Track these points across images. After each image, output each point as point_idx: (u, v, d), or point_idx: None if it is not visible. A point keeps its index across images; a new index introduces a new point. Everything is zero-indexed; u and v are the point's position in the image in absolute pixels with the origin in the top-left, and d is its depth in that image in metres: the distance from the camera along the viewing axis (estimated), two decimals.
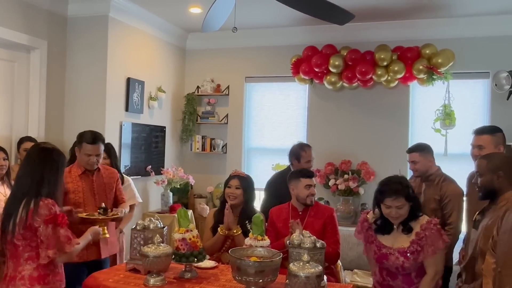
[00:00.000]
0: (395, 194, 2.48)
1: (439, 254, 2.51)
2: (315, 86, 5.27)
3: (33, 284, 2.26)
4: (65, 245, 2.28)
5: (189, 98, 5.75)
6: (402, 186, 2.51)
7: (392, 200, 2.48)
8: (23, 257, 2.27)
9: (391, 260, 2.53)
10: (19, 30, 4.03)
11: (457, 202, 3.22)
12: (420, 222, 2.55)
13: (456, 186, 3.30)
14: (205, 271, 2.70)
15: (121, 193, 3.30)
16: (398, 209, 2.49)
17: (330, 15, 3.26)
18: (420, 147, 3.45)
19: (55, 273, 2.36)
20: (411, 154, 3.42)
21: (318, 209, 3.12)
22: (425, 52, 4.68)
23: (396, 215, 2.51)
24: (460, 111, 4.69)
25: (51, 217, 2.24)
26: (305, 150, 3.92)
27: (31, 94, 4.26)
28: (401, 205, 2.48)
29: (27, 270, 2.26)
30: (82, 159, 3.05)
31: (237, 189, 3.12)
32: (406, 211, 2.52)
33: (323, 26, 4.86)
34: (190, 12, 4.86)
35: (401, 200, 2.48)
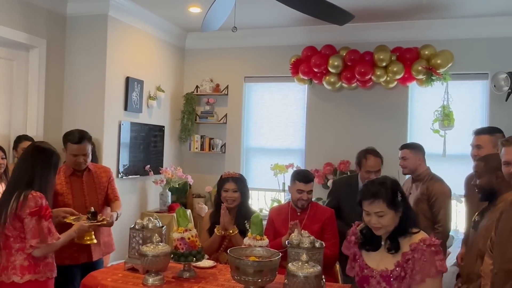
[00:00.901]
0: (373, 197, 2.02)
1: (431, 284, 1.94)
2: (314, 86, 5.27)
3: (24, 273, 2.35)
4: (47, 236, 2.37)
5: (188, 97, 5.75)
6: (384, 188, 2.03)
7: (369, 204, 2.03)
8: (14, 247, 2.36)
9: (373, 285, 2.06)
10: (18, 29, 4.02)
11: (444, 200, 3.30)
12: (412, 240, 2.01)
13: (443, 185, 3.37)
14: (204, 270, 2.70)
15: (113, 191, 3.18)
16: (379, 217, 2.02)
17: (329, 16, 3.26)
18: (411, 145, 3.58)
19: (46, 263, 2.44)
20: (402, 151, 3.53)
21: (317, 210, 3.12)
22: (424, 53, 4.69)
23: (376, 225, 2.03)
24: (459, 112, 4.70)
25: (37, 209, 2.34)
26: (367, 157, 3.51)
27: (29, 93, 4.25)
28: (381, 212, 2.01)
29: (18, 260, 2.35)
30: (69, 159, 2.99)
31: (235, 192, 3.07)
32: (390, 221, 2.02)
33: (323, 26, 4.87)
34: (190, 11, 4.86)
35: (381, 205, 2.01)
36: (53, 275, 2.49)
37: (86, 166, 3.07)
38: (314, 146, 5.39)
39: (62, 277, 2.64)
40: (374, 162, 3.46)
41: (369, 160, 3.48)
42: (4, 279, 2.35)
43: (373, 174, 3.34)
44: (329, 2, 2.99)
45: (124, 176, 4.77)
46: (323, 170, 5.19)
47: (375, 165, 3.45)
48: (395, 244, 2.04)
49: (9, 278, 2.34)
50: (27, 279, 2.35)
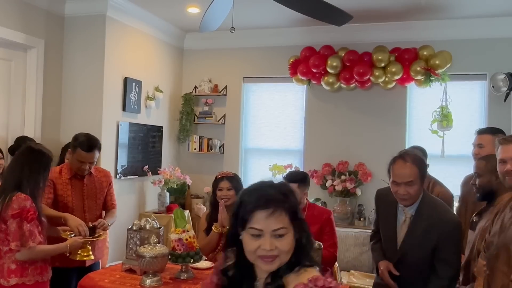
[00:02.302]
0: (272, 205, 1.28)
1: None
2: (313, 86, 5.27)
3: (10, 276, 2.31)
4: (28, 240, 2.31)
5: (186, 98, 5.74)
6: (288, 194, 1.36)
7: (266, 218, 1.27)
8: (2, 250, 2.33)
9: None
10: (16, 29, 4.01)
11: (450, 206, 3.19)
12: (299, 278, 1.26)
13: (448, 190, 3.28)
14: (202, 271, 2.69)
15: (111, 198, 3.14)
16: (278, 237, 1.26)
17: (328, 16, 3.26)
18: (419, 162, 3.20)
19: (35, 267, 2.39)
20: (407, 166, 3.28)
21: (315, 211, 3.10)
22: (423, 54, 4.69)
23: (273, 251, 1.25)
24: (457, 112, 4.70)
25: (19, 211, 2.29)
26: (395, 162, 2.38)
27: (27, 93, 4.24)
28: (282, 230, 1.26)
29: (6, 263, 2.32)
30: (74, 164, 2.92)
31: (229, 190, 3.07)
32: (289, 246, 1.27)
33: (321, 27, 4.86)
34: (188, 12, 4.85)
35: (283, 218, 1.27)
36: (45, 279, 2.44)
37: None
38: (313, 147, 5.39)
39: (57, 279, 2.61)
40: (403, 170, 2.31)
41: (397, 167, 2.34)
42: None
43: (403, 187, 2.29)
44: (327, 3, 2.99)
45: (122, 177, 4.76)
46: (321, 171, 5.19)
47: (404, 174, 2.30)
48: (278, 283, 1.29)
49: None
50: (13, 282, 2.31)
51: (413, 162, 2.30)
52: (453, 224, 2.34)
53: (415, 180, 2.30)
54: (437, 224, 2.31)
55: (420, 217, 2.35)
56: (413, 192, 2.30)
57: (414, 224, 2.36)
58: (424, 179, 2.35)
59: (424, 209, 2.36)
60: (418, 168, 2.30)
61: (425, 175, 2.37)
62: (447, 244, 2.31)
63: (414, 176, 2.29)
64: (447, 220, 2.34)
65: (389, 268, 2.41)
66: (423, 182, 2.34)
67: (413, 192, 2.30)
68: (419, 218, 2.36)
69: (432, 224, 2.31)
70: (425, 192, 2.40)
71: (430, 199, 2.40)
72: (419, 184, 2.31)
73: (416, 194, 2.33)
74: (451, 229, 2.32)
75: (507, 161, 2.03)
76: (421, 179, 2.31)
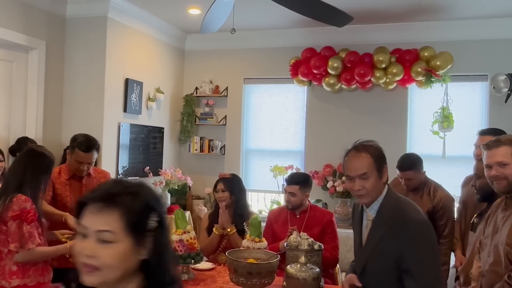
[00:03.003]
0: (106, 205, 1.04)
1: None
2: (314, 88, 5.27)
3: (12, 277, 2.32)
4: (27, 241, 2.31)
5: (187, 99, 5.75)
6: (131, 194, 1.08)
7: (91, 220, 1.05)
8: (3, 251, 2.34)
9: None
10: (17, 30, 4.02)
11: (451, 211, 3.18)
12: None
13: (448, 194, 3.26)
14: (202, 272, 2.70)
15: None
16: (102, 244, 1.03)
17: (328, 17, 3.26)
18: (414, 164, 3.27)
19: (37, 268, 2.39)
20: (405, 173, 3.25)
21: (317, 213, 3.11)
22: (424, 55, 4.69)
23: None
24: (458, 113, 4.70)
25: (19, 213, 2.30)
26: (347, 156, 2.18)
27: (29, 95, 4.24)
28: (109, 245, 1.03)
29: (7, 265, 2.33)
30: (73, 164, 2.92)
31: (223, 192, 3.13)
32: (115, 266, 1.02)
33: (322, 28, 4.86)
34: (189, 13, 4.86)
35: (113, 224, 1.02)
36: (46, 279, 2.44)
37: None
38: (314, 148, 5.39)
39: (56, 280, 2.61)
40: (356, 161, 2.06)
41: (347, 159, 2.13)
42: None
43: (357, 181, 2.01)
44: (328, 4, 2.99)
45: (124, 178, 4.77)
46: (322, 172, 5.19)
47: (356, 166, 2.04)
48: None
49: None
50: (15, 284, 2.31)
51: (367, 151, 2.01)
52: (418, 228, 1.89)
53: (370, 172, 1.97)
54: (397, 227, 1.91)
55: (381, 220, 1.99)
56: (370, 187, 1.96)
57: (374, 229, 2.01)
58: (382, 171, 1.99)
59: (385, 210, 2.00)
60: (373, 158, 1.99)
61: (382, 167, 2.00)
62: (411, 252, 1.86)
63: (368, 167, 1.98)
64: (410, 223, 1.90)
65: (352, 280, 2.09)
66: (381, 175, 1.99)
67: (370, 186, 1.96)
68: (379, 221, 1.99)
69: (392, 228, 1.93)
70: (389, 190, 2.04)
71: (394, 198, 2.03)
72: (376, 177, 1.97)
73: (374, 189, 1.97)
74: (416, 233, 1.88)
75: (492, 166, 2.02)
76: (378, 171, 1.98)
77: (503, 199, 2.05)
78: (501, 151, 1.99)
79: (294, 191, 3.02)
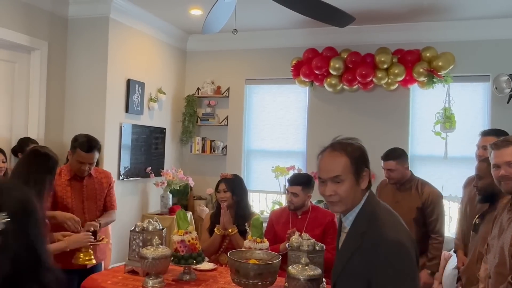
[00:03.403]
0: None
1: None
2: (316, 88, 5.27)
3: None
4: None
5: (189, 99, 5.75)
6: None
7: None
8: None
9: None
10: (20, 31, 4.03)
11: (441, 206, 3.21)
12: None
13: (436, 189, 3.27)
14: (204, 273, 2.70)
15: (111, 199, 3.11)
16: None
17: (330, 18, 3.26)
18: (397, 155, 3.28)
19: None
20: (387, 162, 3.26)
21: (318, 214, 3.11)
22: (426, 55, 4.68)
23: None
24: (460, 114, 4.69)
25: None
26: (322, 155, 2.62)
27: (31, 95, 4.25)
28: None
29: None
30: (74, 165, 2.91)
31: (225, 192, 3.13)
32: None
33: (324, 28, 4.86)
34: (191, 14, 4.86)
35: None
36: None
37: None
38: (316, 148, 5.29)
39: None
40: (329, 161, 1.79)
41: (321, 158, 1.90)
42: None
43: (329, 185, 1.68)
44: (330, 5, 2.99)
45: (125, 178, 4.77)
46: None
47: (329, 167, 1.75)
48: None
49: None
50: None
51: (344, 151, 1.70)
52: (390, 250, 1.51)
53: (345, 176, 1.64)
54: (368, 247, 1.55)
55: (354, 235, 1.63)
56: (344, 193, 1.62)
57: (346, 244, 1.67)
58: (361, 175, 1.67)
59: (360, 223, 1.64)
60: (351, 159, 1.67)
61: (361, 170, 1.68)
62: (379, 278, 1.51)
63: (343, 169, 1.65)
64: (382, 243, 1.52)
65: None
66: (359, 179, 1.66)
67: (344, 192, 1.62)
68: (352, 236, 1.64)
69: (363, 246, 1.56)
70: (369, 200, 1.69)
71: (371, 210, 1.66)
72: (352, 181, 1.64)
73: (348, 196, 1.63)
74: (386, 256, 1.50)
75: (501, 166, 2.02)
76: (355, 174, 1.65)
77: (509, 200, 2.04)
78: (510, 150, 2.00)
79: (297, 191, 3.02)
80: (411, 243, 1.57)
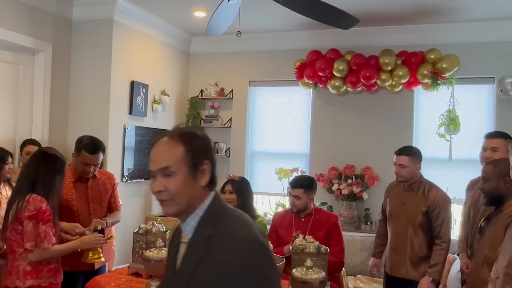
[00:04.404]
0: None
1: None
2: (319, 90, 5.26)
3: (26, 278, 2.36)
4: (43, 240, 2.36)
5: (192, 101, 5.76)
6: None
7: None
8: (17, 252, 2.37)
9: None
10: (24, 33, 4.05)
11: (446, 210, 3.06)
12: None
13: (443, 193, 3.12)
14: None
15: (115, 200, 3.11)
16: None
17: (334, 20, 3.25)
18: (411, 151, 3.21)
19: (49, 268, 2.44)
20: (400, 157, 3.17)
21: (322, 216, 3.09)
22: (430, 57, 4.66)
23: None
24: (465, 116, 4.67)
25: (35, 213, 2.34)
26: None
27: (35, 97, 4.27)
28: None
29: (21, 265, 2.36)
30: (79, 166, 2.91)
31: (231, 194, 3.13)
32: None
33: (327, 30, 4.86)
34: (195, 16, 4.87)
35: None
36: (58, 281, 2.48)
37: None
38: (319, 150, 5.38)
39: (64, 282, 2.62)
40: (157, 149, 1.51)
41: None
42: (8, 284, 2.36)
43: (158, 179, 1.36)
44: (334, 7, 2.98)
45: (129, 180, 4.78)
46: (328, 175, 5.17)
47: (156, 157, 1.48)
48: None
49: (13, 282, 2.35)
50: (29, 284, 2.35)
51: (181, 138, 1.34)
52: (247, 248, 1.24)
53: (177, 167, 1.31)
54: (220, 248, 1.24)
55: (199, 241, 1.29)
56: (174, 188, 1.30)
57: (187, 257, 1.32)
58: (199, 168, 1.33)
59: (205, 227, 1.31)
60: (187, 148, 1.33)
61: (199, 162, 1.33)
62: (239, 282, 1.21)
63: (175, 159, 1.32)
64: (237, 241, 1.24)
65: None
66: (196, 174, 1.33)
67: (174, 188, 1.30)
68: (196, 244, 1.30)
69: (211, 249, 1.25)
70: (216, 200, 1.38)
71: (221, 209, 1.36)
72: (186, 175, 1.31)
73: (180, 192, 1.31)
74: (243, 254, 1.23)
75: None
76: (192, 167, 1.32)
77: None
78: None
79: (299, 194, 3.01)
80: (268, 246, 1.33)
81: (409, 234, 3.07)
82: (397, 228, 3.15)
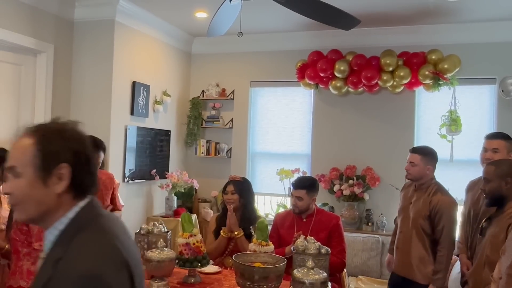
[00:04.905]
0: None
1: None
2: (320, 91, 5.26)
3: (30, 278, 2.35)
4: None
5: (194, 102, 5.76)
6: None
7: None
8: (22, 252, 2.38)
9: None
10: (26, 34, 4.06)
11: (449, 215, 2.96)
12: None
13: (448, 197, 3.05)
14: (209, 276, 2.69)
15: (116, 200, 3.12)
16: None
17: (336, 20, 3.25)
18: (424, 151, 3.19)
19: None
20: (412, 155, 3.18)
21: (323, 217, 3.09)
22: (431, 58, 4.66)
23: None
24: (466, 117, 4.67)
25: None
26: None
27: (37, 98, 4.27)
28: None
29: (25, 265, 2.37)
30: None
31: (233, 194, 3.13)
32: None
33: (329, 31, 4.86)
34: (196, 16, 4.87)
35: None
36: None
37: None
38: (320, 151, 5.38)
39: None
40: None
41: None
42: (13, 283, 2.37)
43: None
44: (335, 7, 2.98)
45: (130, 181, 4.78)
46: (329, 175, 5.17)
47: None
48: None
49: (17, 282, 2.36)
50: None
51: (33, 134, 1.19)
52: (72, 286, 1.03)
53: (23, 169, 1.14)
54: (56, 279, 1.06)
55: (49, 261, 1.12)
56: (18, 193, 1.14)
57: (38, 275, 1.15)
58: (52, 172, 1.14)
59: (60, 244, 1.13)
60: (39, 146, 1.16)
61: (51, 166, 1.14)
62: None
63: (22, 159, 1.15)
64: (65, 275, 1.04)
65: None
66: (47, 178, 1.14)
67: (18, 192, 1.14)
68: (47, 263, 1.13)
69: (54, 276, 1.06)
70: (84, 211, 1.17)
71: (83, 226, 1.14)
72: (32, 179, 1.13)
73: (25, 198, 1.14)
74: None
75: None
76: (41, 170, 1.13)
77: None
78: None
79: (301, 195, 3.01)
80: (126, 277, 1.10)
81: (413, 235, 3.07)
82: (403, 227, 3.16)
